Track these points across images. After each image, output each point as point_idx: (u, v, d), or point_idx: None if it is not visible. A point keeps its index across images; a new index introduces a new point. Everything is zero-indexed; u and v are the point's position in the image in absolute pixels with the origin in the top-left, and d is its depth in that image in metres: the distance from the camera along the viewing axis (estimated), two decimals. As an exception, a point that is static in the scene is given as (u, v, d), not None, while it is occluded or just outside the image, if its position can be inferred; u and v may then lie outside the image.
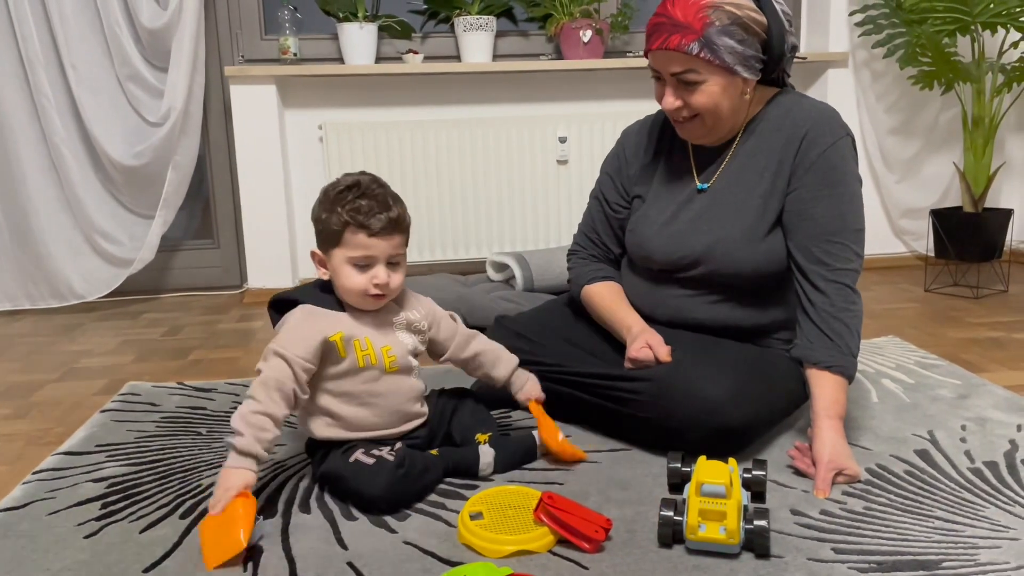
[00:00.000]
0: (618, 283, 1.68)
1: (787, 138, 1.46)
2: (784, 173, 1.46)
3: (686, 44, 1.37)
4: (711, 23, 1.36)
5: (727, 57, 1.37)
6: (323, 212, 1.32)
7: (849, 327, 1.39)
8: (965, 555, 1.12)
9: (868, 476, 1.37)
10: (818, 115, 1.46)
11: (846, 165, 1.44)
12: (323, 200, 1.33)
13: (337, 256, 1.32)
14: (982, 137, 2.83)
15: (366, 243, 1.30)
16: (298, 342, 1.28)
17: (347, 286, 1.32)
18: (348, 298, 1.34)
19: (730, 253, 1.48)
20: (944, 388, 1.79)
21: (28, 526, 1.27)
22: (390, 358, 1.35)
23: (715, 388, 1.37)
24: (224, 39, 2.92)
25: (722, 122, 1.47)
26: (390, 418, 1.37)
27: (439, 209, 2.95)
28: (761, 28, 1.39)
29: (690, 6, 1.37)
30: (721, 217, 1.49)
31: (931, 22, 2.72)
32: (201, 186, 3.03)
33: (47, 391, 1.99)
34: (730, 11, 1.36)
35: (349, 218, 1.29)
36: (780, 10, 1.42)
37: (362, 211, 1.29)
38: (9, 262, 2.77)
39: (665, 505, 1.15)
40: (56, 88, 2.67)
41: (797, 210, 1.45)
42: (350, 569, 1.12)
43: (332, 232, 1.31)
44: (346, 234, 1.30)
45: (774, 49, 1.41)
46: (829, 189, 1.42)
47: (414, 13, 3.04)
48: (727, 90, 1.42)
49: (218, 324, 2.61)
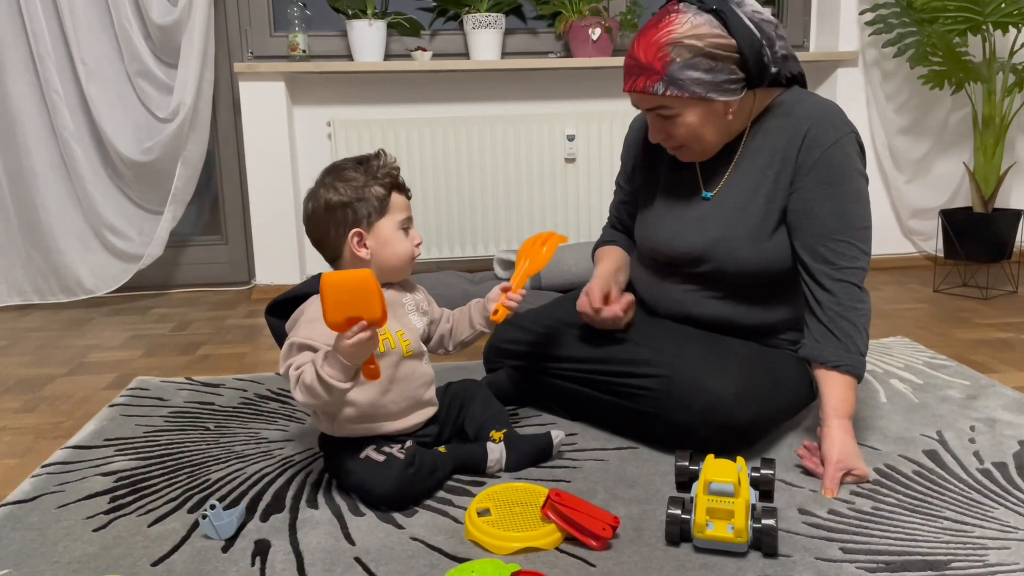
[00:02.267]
0: (620, 247, 1.71)
1: (790, 136, 1.44)
2: (787, 172, 1.45)
3: (651, 86, 1.36)
4: (671, 60, 1.34)
5: (696, 89, 1.35)
6: (353, 192, 1.33)
7: (857, 326, 1.38)
8: (974, 556, 1.12)
9: (877, 476, 1.37)
10: (820, 112, 1.44)
11: (850, 162, 1.42)
12: (343, 183, 1.33)
13: (386, 225, 1.34)
14: (992, 137, 2.82)
15: (405, 204, 1.38)
16: (321, 329, 1.21)
17: (399, 251, 1.36)
18: (394, 268, 1.37)
19: (734, 252, 1.47)
20: (953, 389, 1.78)
21: (37, 519, 1.27)
22: (405, 342, 1.35)
23: (722, 385, 1.37)
24: (233, 35, 2.93)
25: (711, 144, 1.45)
26: (405, 404, 1.36)
27: (446, 206, 2.96)
28: (731, 50, 1.34)
29: (651, 46, 1.35)
30: (725, 215, 1.49)
31: (942, 21, 2.71)
32: (210, 182, 3.04)
33: (56, 385, 1.99)
34: (691, 44, 1.33)
35: (391, 182, 1.35)
36: (759, 20, 1.36)
37: (396, 174, 1.37)
38: (19, 257, 2.78)
39: (673, 503, 1.15)
40: (66, 83, 2.68)
41: (801, 209, 1.43)
42: (357, 564, 1.13)
43: (377, 202, 1.33)
44: (393, 197, 1.35)
45: (751, 67, 1.36)
46: (833, 187, 1.41)
47: (423, 10, 3.04)
48: (707, 117, 1.40)
49: (226, 320, 2.62)
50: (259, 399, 1.81)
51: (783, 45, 1.42)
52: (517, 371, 1.67)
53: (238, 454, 1.51)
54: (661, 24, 1.36)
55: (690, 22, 1.34)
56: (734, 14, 1.34)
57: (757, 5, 1.39)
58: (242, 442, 1.57)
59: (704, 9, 1.35)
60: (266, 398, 1.81)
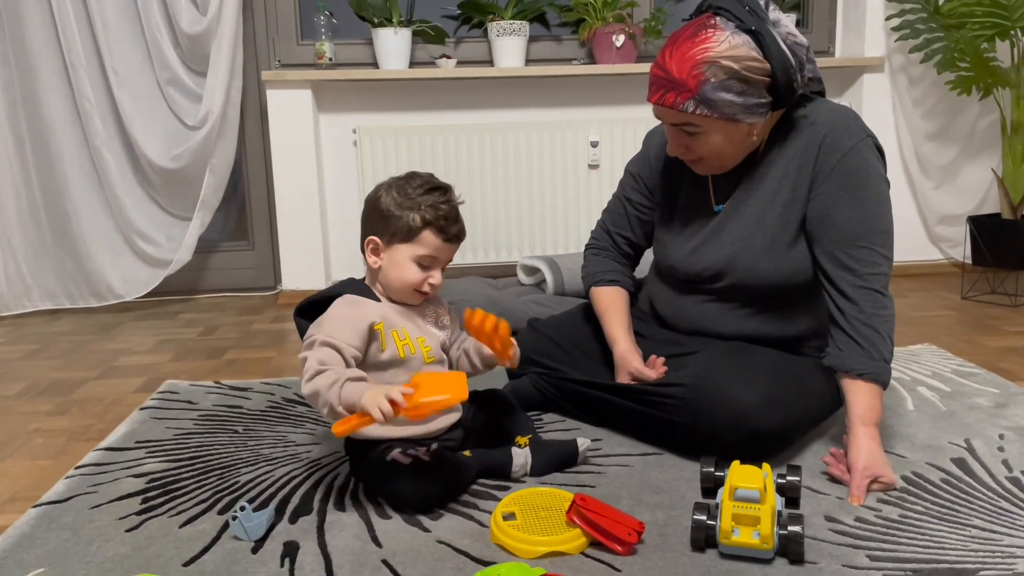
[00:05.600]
0: (623, 287, 1.68)
1: (805, 144, 1.43)
2: (804, 180, 1.43)
3: (681, 103, 1.34)
4: (706, 80, 1.31)
5: (726, 110, 1.33)
6: (397, 208, 1.33)
7: (881, 333, 1.36)
8: (1003, 564, 1.11)
9: (904, 484, 1.36)
10: (835, 119, 1.42)
11: (868, 167, 1.40)
12: (398, 195, 1.34)
13: (403, 251, 1.34)
14: (1021, 143, 2.79)
15: (439, 247, 1.34)
16: (346, 329, 1.29)
17: (404, 278, 1.34)
18: (396, 289, 1.37)
19: (753, 265, 1.46)
20: (981, 397, 1.76)
21: (71, 519, 1.30)
22: (426, 348, 1.37)
23: (747, 393, 1.36)
24: (261, 44, 2.97)
25: (730, 160, 1.44)
26: None
27: (471, 212, 2.94)
28: (764, 74, 1.32)
29: (685, 61, 1.32)
30: (743, 228, 1.48)
31: (969, 26, 2.69)
32: (237, 188, 3.07)
33: (87, 388, 2.03)
34: (727, 65, 1.30)
35: (433, 220, 1.32)
36: (792, 43, 1.34)
37: (445, 217, 1.33)
38: (51, 262, 2.83)
39: (698, 509, 1.15)
40: (98, 92, 2.73)
41: (820, 217, 1.42)
42: (384, 567, 1.14)
43: (407, 228, 1.33)
44: (424, 233, 1.33)
45: (780, 90, 1.34)
46: (851, 193, 1.39)
47: (448, 18, 3.06)
48: (731, 137, 1.39)
49: (252, 325, 2.65)
50: (286, 403, 1.83)
51: (812, 68, 1.41)
52: (540, 377, 1.68)
53: (266, 457, 1.53)
54: (698, 39, 1.32)
55: (728, 41, 1.31)
56: (772, 38, 1.31)
57: (791, 26, 1.37)
58: (270, 445, 1.59)
59: (743, 29, 1.32)
60: (293, 402, 1.83)
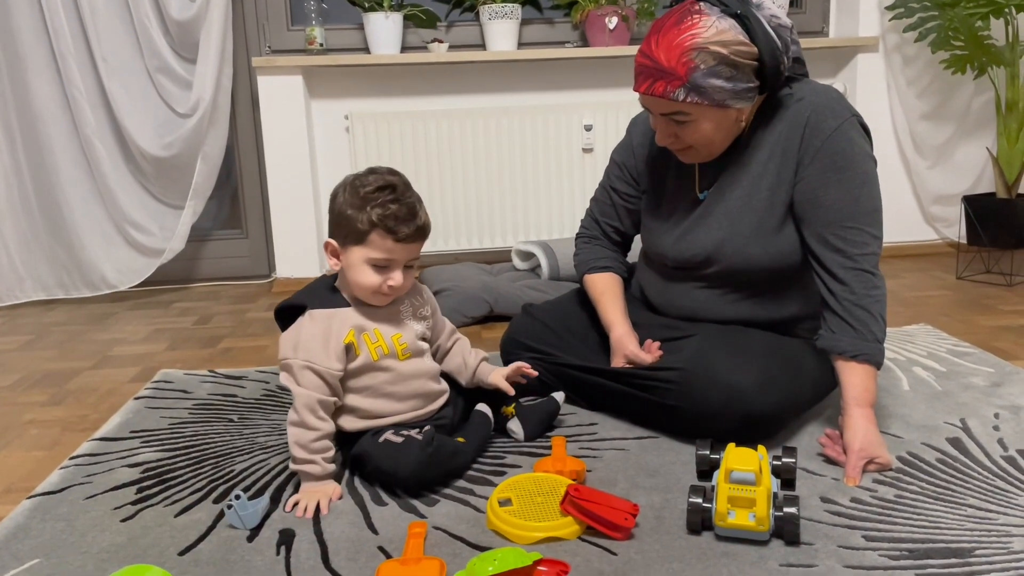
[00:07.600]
0: (617, 273, 1.69)
1: (790, 127, 1.42)
2: (790, 163, 1.42)
3: (671, 91, 1.32)
4: (696, 67, 1.30)
5: (716, 96, 1.32)
6: (348, 208, 1.28)
7: (873, 313, 1.36)
8: (998, 543, 1.11)
9: (899, 464, 1.36)
10: (820, 100, 1.41)
11: (853, 147, 1.38)
12: (350, 196, 1.29)
13: (356, 254, 1.29)
14: (1016, 122, 2.78)
15: (391, 248, 1.28)
16: (325, 352, 1.29)
17: (361, 282, 1.30)
18: (358, 293, 1.34)
19: (742, 249, 1.46)
20: (977, 376, 1.76)
21: (66, 510, 1.29)
22: (401, 345, 1.35)
23: (742, 376, 1.36)
24: (251, 30, 2.94)
25: (718, 147, 1.44)
26: (413, 401, 1.38)
27: (464, 198, 2.96)
28: (752, 58, 1.31)
29: (673, 49, 1.31)
30: (729, 213, 1.47)
31: (963, 5, 2.68)
32: (229, 176, 3.06)
33: (82, 378, 2.02)
34: (716, 51, 1.29)
35: (379, 222, 1.26)
36: (776, 25, 1.34)
37: (394, 217, 1.26)
38: (43, 252, 2.82)
39: (694, 492, 1.15)
40: (87, 80, 2.71)
41: (808, 199, 1.41)
42: (381, 553, 1.14)
43: (357, 231, 1.27)
44: (372, 236, 1.27)
45: (767, 74, 1.33)
46: (838, 174, 1.38)
47: (439, 2, 3.04)
48: (720, 123, 1.38)
49: (247, 313, 2.64)
50: (281, 391, 1.82)
51: (795, 49, 1.40)
52: (536, 362, 1.67)
53: (261, 445, 1.53)
54: (684, 25, 1.31)
55: (715, 26, 1.30)
56: (757, 21, 1.30)
57: (774, 8, 1.36)
58: (265, 433, 1.58)
59: (728, 13, 1.31)
60: (287, 390, 1.82)
